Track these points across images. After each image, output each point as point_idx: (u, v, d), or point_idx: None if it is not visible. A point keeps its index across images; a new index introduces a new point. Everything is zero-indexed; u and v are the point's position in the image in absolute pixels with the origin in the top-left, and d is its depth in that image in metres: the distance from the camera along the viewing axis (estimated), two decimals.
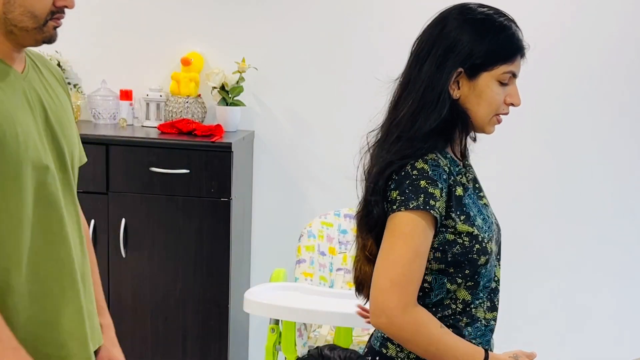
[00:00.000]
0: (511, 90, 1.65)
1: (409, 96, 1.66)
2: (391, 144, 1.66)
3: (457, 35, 1.62)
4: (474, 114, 1.65)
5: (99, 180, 3.03)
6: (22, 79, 1.57)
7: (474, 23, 1.62)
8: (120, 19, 3.47)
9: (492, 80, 1.62)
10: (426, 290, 1.65)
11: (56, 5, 1.53)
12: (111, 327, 1.88)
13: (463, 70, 1.62)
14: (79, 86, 3.48)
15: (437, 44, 1.64)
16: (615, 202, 3.50)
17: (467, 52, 1.61)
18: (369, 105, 3.47)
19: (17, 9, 1.49)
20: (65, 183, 1.64)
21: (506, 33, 1.63)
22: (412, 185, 1.58)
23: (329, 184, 3.54)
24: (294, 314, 2.65)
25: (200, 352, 3.14)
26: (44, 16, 1.51)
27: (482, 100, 1.63)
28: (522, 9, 3.42)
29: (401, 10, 3.40)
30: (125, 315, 3.12)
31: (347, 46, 3.45)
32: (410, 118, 1.64)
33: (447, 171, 1.63)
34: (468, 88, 1.63)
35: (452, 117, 1.63)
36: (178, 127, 3.22)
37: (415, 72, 1.66)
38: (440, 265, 1.63)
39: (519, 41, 1.65)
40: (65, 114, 1.67)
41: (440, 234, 1.61)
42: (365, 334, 3.11)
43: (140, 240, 3.09)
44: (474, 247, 1.62)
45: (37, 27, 1.51)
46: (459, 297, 1.66)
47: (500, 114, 1.67)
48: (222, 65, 3.37)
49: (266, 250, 3.58)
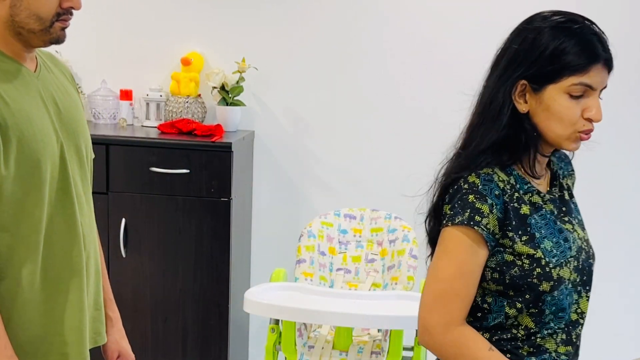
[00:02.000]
0: (588, 104, 1.50)
1: (476, 109, 1.60)
2: (455, 156, 1.61)
3: (519, 45, 1.53)
4: (546, 129, 1.52)
5: (99, 180, 3.03)
6: (35, 77, 1.61)
7: (539, 32, 1.51)
8: (120, 19, 3.47)
9: (559, 94, 1.49)
10: (485, 312, 1.56)
11: (62, 6, 1.55)
12: (118, 320, 1.94)
13: (527, 82, 1.52)
14: (79, 86, 3.48)
15: (504, 55, 1.56)
16: (616, 202, 3.50)
17: (528, 63, 1.50)
18: (369, 105, 3.50)
19: (23, 11, 1.51)
20: (82, 177, 1.70)
21: (574, 41, 1.48)
22: (461, 199, 1.51)
23: (329, 184, 3.54)
24: (294, 314, 2.65)
25: (200, 352, 3.15)
26: (49, 18, 1.54)
27: (551, 115, 1.50)
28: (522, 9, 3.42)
29: (402, 10, 3.40)
30: (125, 315, 3.09)
31: (347, 46, 3.45)
32: (472, 131, 1.58)
33: (503, 187, 1.53)
34: (535, 101, 1.52)
35: (515, 132, 1.53)
36: (178, 127, 3.22)
37: (484, 85, 1.59)
38: (499, 287, 1.54)
39: (593, 50, 1.49)
40: (77, 110, 1.71)
41: (498, 253, 1.52)
42: (365, 334, 3.11)
43: (140, 240, 3.09)
44: (534, 270, 1.51)
45: (43, 29, 1.54)
46: (522, 324, 1.55)
47: (581, 131, 1.52)
48: (222, 65, 3.38)
49: (266, 250, 3.58)
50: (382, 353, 2.89)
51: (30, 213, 1.55)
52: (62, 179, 1.62)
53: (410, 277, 3.00)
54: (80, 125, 1.70)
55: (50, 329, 1.63)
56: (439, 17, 3.40)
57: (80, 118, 1.72)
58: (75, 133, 1.67)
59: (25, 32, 1.54)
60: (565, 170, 1.70)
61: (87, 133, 1.74)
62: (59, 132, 1.61)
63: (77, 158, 1.67)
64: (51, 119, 1.60)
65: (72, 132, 1.66)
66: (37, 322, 1.60)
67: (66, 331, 1.65)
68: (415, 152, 3.49)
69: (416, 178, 3.49)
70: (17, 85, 1.55)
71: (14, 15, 1.51)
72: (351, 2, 3.42)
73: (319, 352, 2.90)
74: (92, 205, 1.77)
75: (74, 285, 1.65)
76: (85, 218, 1.70)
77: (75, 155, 1.66)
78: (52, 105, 1.62)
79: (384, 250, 3.20)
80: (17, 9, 1.51)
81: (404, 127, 3.48)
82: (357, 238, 3.25)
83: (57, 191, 1.61)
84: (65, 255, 1.63)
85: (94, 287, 1.76)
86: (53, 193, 1.60)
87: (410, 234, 3.14)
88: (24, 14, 1.51)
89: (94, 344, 1.80)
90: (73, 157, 1.66)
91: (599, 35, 1.51)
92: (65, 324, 1.65)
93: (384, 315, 2.62)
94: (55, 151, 1.59)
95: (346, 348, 2.91)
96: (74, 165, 1.66)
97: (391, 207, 3.37)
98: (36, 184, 1.55)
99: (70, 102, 1.69)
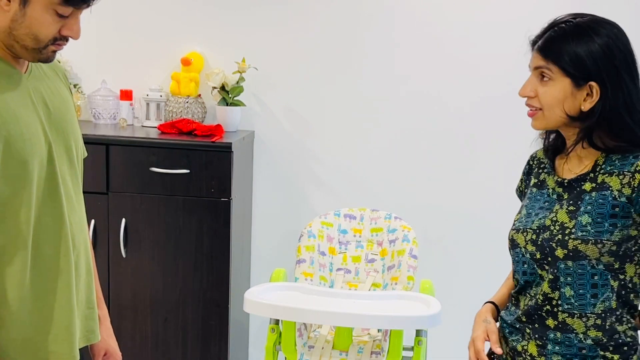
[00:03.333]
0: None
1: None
2: None
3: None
4: None
5: (99, 180, 3.04)
6: (25, 78, 1.62)
7: None
8: (120, 19, 3.47)
9: None
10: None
11: (61, 33, 1.57)
12: (106, 317, 1.93)
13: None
14: (79, 86, 3.48)
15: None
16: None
17: None
18: (369, 105, 3.50)
19: (23, 28, 1.53)
20: (73, 177, 1.71)
21: None
22: None
23: (329, 184, 3.54)
24: (294, 314, 2.65)
25: (200, 352, 3.15)
26: (46, 41, 1.56)
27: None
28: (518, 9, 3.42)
29: (402, 11, 3.40)
30: (125, 315, 3.12)
31: (347, 46, 3.45)
32: None
33: (532, 164, 1.90)
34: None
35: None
36: (178, 127, 3.22)
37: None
38: None
39: None
40: (68, 110, 1.73)
41: None
42: (365, 334, 3.11)
43: (140, 240, 3.09)
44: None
45: (36, 48, 1.56)
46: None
47: None
48: (222, 65, 3.38)
49: (266, 250, 3.58)
50: (382, 353, 2.89)
51: (18, 212, 1.57)
52: (51, 179, 1.63)
53: (410, 277, 3.00)
54: (71, 125, 1.71)
55: (39, 328, 1.64)
56: (440, 17, 3.40)
57: (71, 118, 1.73)
58: (65, 133, 1.68)
59: (18, 46, 1.56)
60: (614, 167, 1.70)
61: (77, 133, 1.75)
62: (47, 133, 1.62)
63: (67, 158, 1.69)
64: (40, 119, 1.62)
65: (61, 132, 1.67)
66: (25, 320, 1.61)
67: (55, 330, 1.66)
68: (415, 152, 3.49)
69: (416, 178, 3.52)
70: (5, 85, 1.57)
71: (13, 29, 1.53)
72: (351, 2, 3.43)
73: (319, 352, 2.90)
74: (83, 205, 1.78)
75: (63, 284, 1.66)
76: (75, 217, 1.70)
77: (65, 155, 1.68)
78: (41, 106, 1.63)
79: (384, 251, 3.20)
80: (18, 24, 1.53)
81: (404, 127, 3.48)
82: (357, 238, 3.25)
83: (44, 191, 1.62)
84: (54, 254, 1.64)
85: (85, 286, 1.77)
86: (40, 193, 1.61)
87: (410, 234, 3.14)
88: (23, 30, 1.53)
89: (87, 342, 1.80)
90: (63, 157, 1.67)
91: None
92: (54, 323, 1.65)
93: (384, 315, 2.62)
94: (44, 151, 1.61)
95: (346, 348, 2.91)
96: (64, 165, 1.67)
97: (391, 207, 3.37)
98: (23, 184, 1.57)
99: (61, 102, 1.70)
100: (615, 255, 1.66)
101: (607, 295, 1.68)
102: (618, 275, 1.68)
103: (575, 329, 1.69)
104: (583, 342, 1.69)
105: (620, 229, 1.66)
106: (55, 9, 1.53)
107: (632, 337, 1.70)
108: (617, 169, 1.68)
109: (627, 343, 1.69)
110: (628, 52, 1.69)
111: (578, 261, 1.67)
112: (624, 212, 1.65)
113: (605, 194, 1.67)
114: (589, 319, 1.69)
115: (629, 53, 1.69)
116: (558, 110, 1.69)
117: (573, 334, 1.70)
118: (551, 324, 1.72)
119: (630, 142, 1.68)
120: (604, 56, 1.65)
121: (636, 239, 1.67)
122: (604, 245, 1.65)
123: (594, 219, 1.67)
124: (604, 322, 1.68)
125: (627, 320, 1.70)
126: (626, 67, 1.67)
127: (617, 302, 1.69)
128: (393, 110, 3.47)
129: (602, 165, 1.71)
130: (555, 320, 1.71)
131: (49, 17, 1.53)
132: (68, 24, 1.57)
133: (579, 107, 1.68)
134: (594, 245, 1.66)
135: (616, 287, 1.68)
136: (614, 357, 1.68)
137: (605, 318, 1.68)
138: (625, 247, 1.66)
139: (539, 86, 1.71)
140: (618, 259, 1.67)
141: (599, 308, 1.68)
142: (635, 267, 1.69)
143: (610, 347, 1.68)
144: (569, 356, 1.70)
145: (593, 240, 1.66)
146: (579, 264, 1.67)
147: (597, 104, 1.66)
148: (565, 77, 1.67)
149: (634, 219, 1.66)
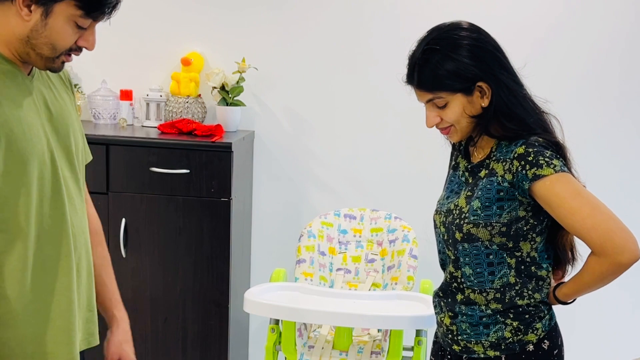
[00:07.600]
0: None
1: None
2: None
3: None
4: None
5: (99, 180, 3.04)
6: (29, 81, 1.65)
7: None
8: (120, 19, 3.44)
9: None
10: None
11: (77, 43, 1.63)
12: (124, 320, 1.93)
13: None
14: (79, 86, 3.48)
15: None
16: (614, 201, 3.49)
17: None
18: (369, 105, 3.50)
19: (42, 38, 1.57)
20: (74, 180, 1.71)
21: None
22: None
23: (329, 184, 3.54)
24: (294, 314, 2.65)
25: (200, 352, 3.15)
26: (62, 50, 1.61)
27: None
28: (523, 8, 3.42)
29: (402, 11, 3.40)
30: None
31: (347, 46, 3.45)
32: None
33: (455, 145, 2.01)
34: None
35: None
36: (178, 127, 3.22)
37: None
38: None
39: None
40: (69, 114, 1.74)
41: None
42: (365, 334, 3.11)
43: (140, 240, 3.09)
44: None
45: (51, 57, 1.61)
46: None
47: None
48: (222, 65, 3.38)
49: (266, 250, 3.58)
50: (382, 353, 2.89)
51: (19, 212, 1.57)
52: (53, 180, 1.64)
53: (410, 277, 3.00)
54: (72, 129, 1.72)
55: (38, 329, 1.63)
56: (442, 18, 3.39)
57: (73, 122, 1.74)
58: (66, 136, 1.69)
59: (33, 54, 1.59)
60: (501, 155, 1.82)
61: (79, 136, 1.76)
62: (48, 135, 1.64)
63: (68, 161, 1.70)
64: (41, 121, 1.63)
65: (62, 136, 1.68)
66: (25, 321, 1.61)
67: (54, 331, 1.66)
68: (416, 152, 3.49)
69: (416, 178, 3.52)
70: (10, 85, 1.59)
71: (32, 38, 1.57)
72: (351, 3, 3.43)
73: (319, 352, 2.90)
74: (85, 210, 1.78)
75: (63, 285, 1.66)
76: (77, 219, 1.71)
77: (65, 158, 1.69)
78: (43, 109, 1.65)
79: (384, 250, 3.20)
80: (38, 33, 1.56)
81: (404, 127, 3.48)
82: (357, 238, 3.25)
83: (47, 191, 1.62)
84: (55, 255, 1.64)
85: (86, 288, 1.77)
86: (43, 193, 1.61)
87: (410, 234, 3.14)
88: (42, 40, 1.57)
89: (87, 345, 1.80)
90: (63, 159, 1.68)
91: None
92: (53, 324, 1.65)
93: (384, 315, 2.63)
94: (45, 152, 1.62)
95: (346, 348, 2.91)
96: (65, 167, 1.68)
97: (391, 207, 3.37)
98: (24, 183, 1.57)
99: (63, 106, 1.72)
100: (506, 236, 1.79)
101: (504, 272, 1.81)
102: (514, 253, 1.81)
103: (478, 302, 1.84)
104: (484, 312, 1.84)
105: (508, 211, 1.78)
106: (76, 20, 1.58)
107: (534, 306, 1.83)
108: (502, 155, 1.81)
109: (528, 311, 1.82)
110: (494, 47, 1.81)
111: (472, 243, 1.81)
112: (509, 195, 1.78)
113: (492, 179, 1.80)
114: (488, 293, 1.83)
115: (495, 49, 1.81)
116: (464, 120, 1.82)
117: (477, 306, 1.85)
118: (459, 298, 1.87)
119: (519, 127, 1.79)
120: (474, 61, 1.77)
121: (526, 219, 1.78)
122: (493, 227, 1.78)
123: (483, 204, 1.80)
124: (503, 296, 1.82)
125: (529, 296, 1.82)
126: (498, 63, 1.79)
127: (516, 277, 1.82)
128: (393, 109, 3.46)
129: (494, 152, 1.84)
130: (462, 295, 1.87)
131: (69, 28, 1.58)
132: (85, 35, 1.63)
133: (480, 106, 1.80)
134: (484, 228, 1.79)
135: (513, 264, 1.81)
136: (514, 323, 1.82)
137: (504, 292, 1.82)
138: (516, 227, 1.78)
139: (440, 112, 1.85)
140: (510, 238, 1.79)
141: (497, 284, 1.82)
142: (530, 243, 1.81)
143: (510, 315, 1.82)
144: (474, 323, 1.85)
145: (483, 224, 1.79)
146: (474, 246, 1.81)
147: (492, 98, 1.78)
148: (455, 93, 1.80)
149: (520, 200, 1.77)
